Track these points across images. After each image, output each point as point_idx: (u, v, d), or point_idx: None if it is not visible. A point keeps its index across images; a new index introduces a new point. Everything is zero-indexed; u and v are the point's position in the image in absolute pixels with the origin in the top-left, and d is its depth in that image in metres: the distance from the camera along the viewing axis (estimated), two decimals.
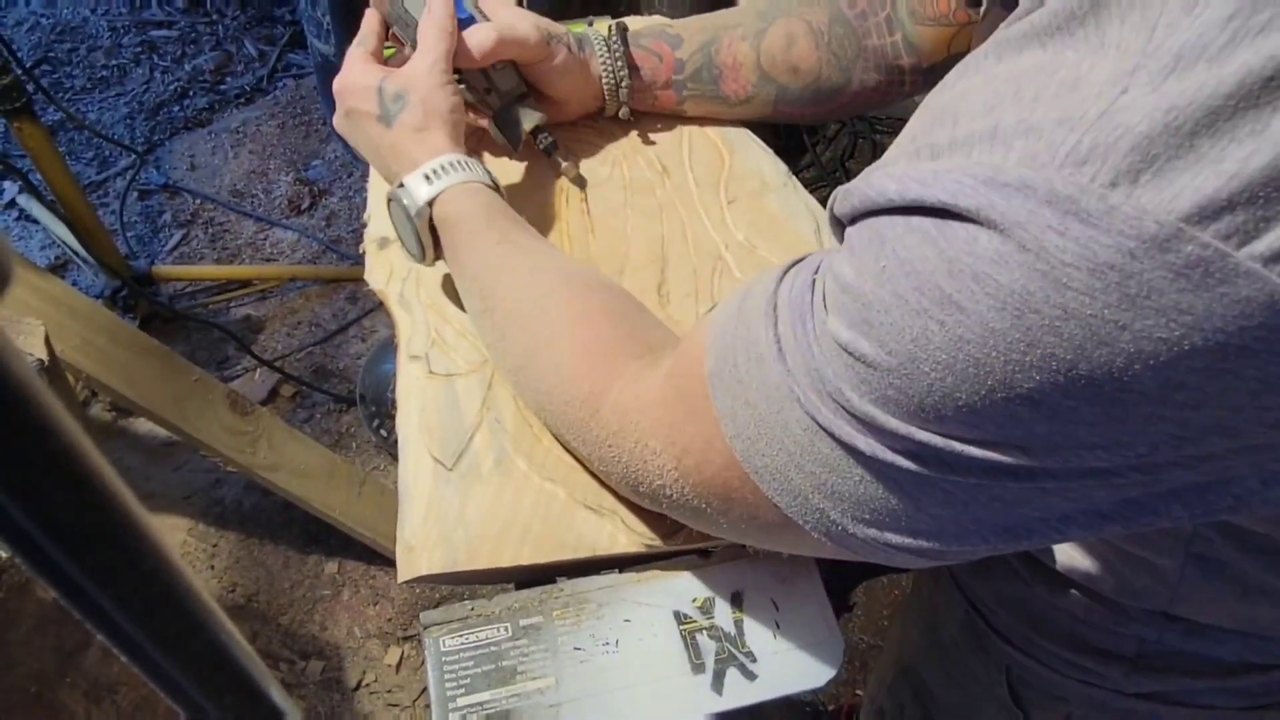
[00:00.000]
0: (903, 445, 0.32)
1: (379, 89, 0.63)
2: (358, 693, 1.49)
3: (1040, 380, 0.27)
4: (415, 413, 0.59)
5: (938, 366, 0.29)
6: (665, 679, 0.50)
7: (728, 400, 0.38)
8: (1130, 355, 0.26)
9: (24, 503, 0.17)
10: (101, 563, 0.19)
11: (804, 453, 0.35)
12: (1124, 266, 0.25)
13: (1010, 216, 0.26)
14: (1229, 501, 0.31)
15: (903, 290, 0.30)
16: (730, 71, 0.74)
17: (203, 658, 0.23)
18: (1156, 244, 0.24)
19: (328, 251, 2.15)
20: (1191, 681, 0.58)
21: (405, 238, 0.62)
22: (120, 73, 2.60)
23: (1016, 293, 0.27)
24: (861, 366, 0.32)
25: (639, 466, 0.45)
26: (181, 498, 1.69)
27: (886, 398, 0.31)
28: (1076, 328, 0.26)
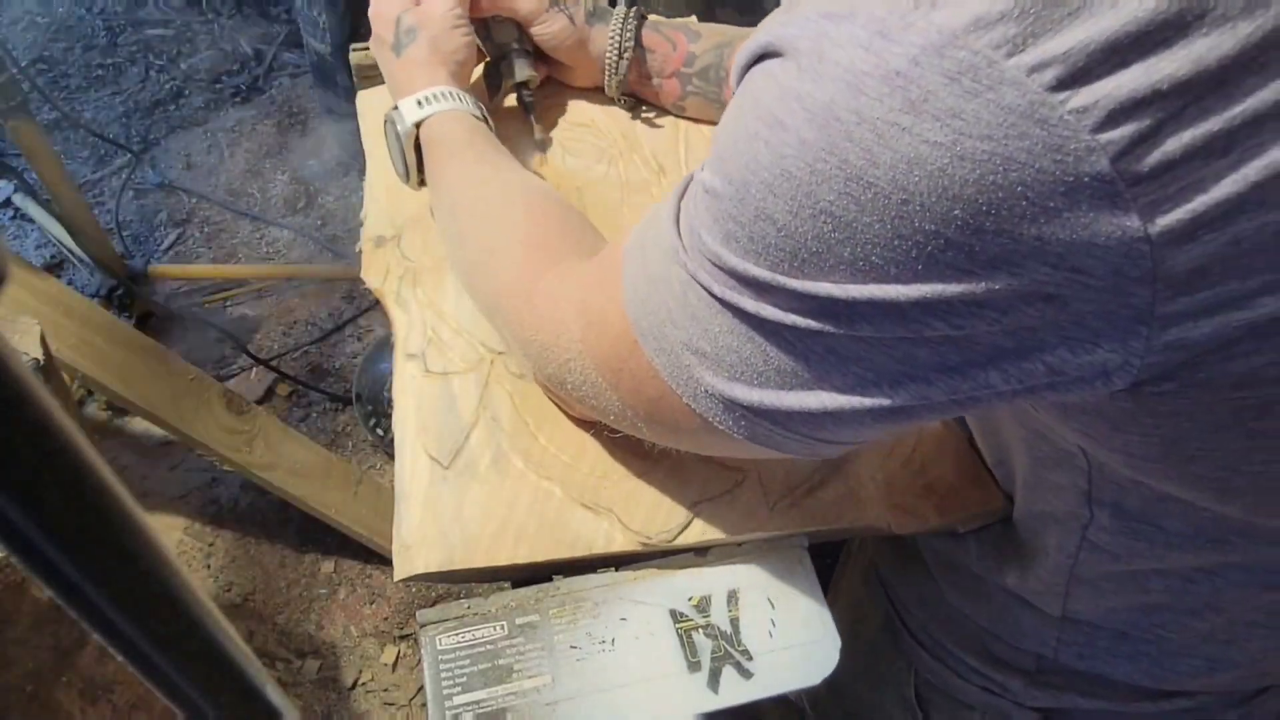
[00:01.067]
0: (745, 285, 0.35)
1: (397, 20, 0.68)
2: (354, 691, 1.49)
3: (837, 191, 0.30)
4: (412, 411, 0.59)
5: (762, 187, 0.32)
6: (661, 677, 0.50)
7: (631, 268, 0.42)
8: (910, 160, 0.28)
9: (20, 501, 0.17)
10: (97, 562, 0.19)
11: (679, 307, 0.39)
12: (908, 72, 0.28)
13: (831, 38, 0.30)
14: (1044, 373, 0.32)
15: (747, 121, 0.33)
16: None
17: (199, 657, 0.23)
18: (935, 50, 0.27)
19: (324, 250, 2.15)
20: (1085, 701, 0.59)
21: (394, 159, 0.68)
22: (116, 71, 2.60)
23: (824, 103, 0.30)
24: (713, 202, 0.35)
25: (553, 343, 0.48)
26: (177, 497, 1.69)
27: (729, 233, 0.35)
28: (867, 131, 0.29)
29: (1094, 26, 0.26)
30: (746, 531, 0.54)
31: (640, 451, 0.57)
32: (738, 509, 0.54)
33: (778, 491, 0.55)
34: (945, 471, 0.56)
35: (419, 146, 0.65)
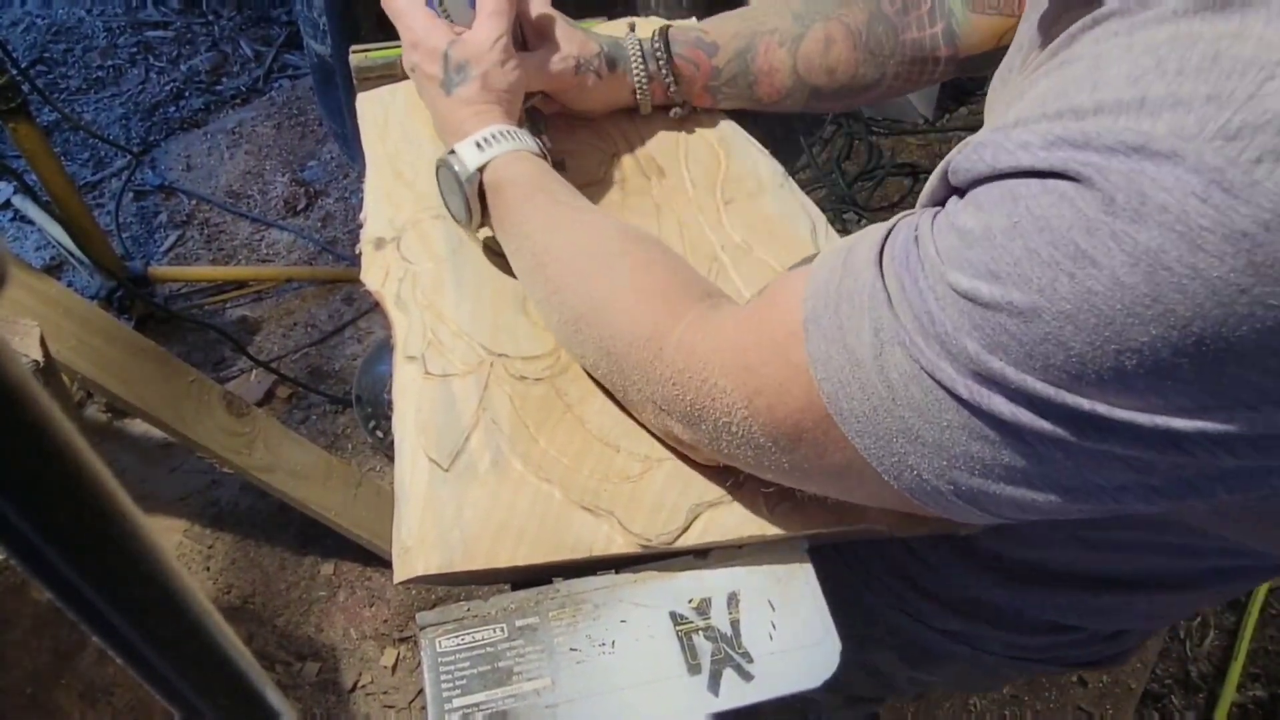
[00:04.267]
0: (1004, 390, 0.34)
1: (445, 55, 0.65)
2: (354, 694, 1.49)
3: (1154, 335, 0.30)
4: (411, 413, 0.59)
5: (1059, 316, 0.31)
6: (662, 680, 0.50)
7: (823, 345, 0.40)
8: (1241, 318, 0.28)
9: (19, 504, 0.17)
10: (97, 564, 0.19)
11: (896, 397, 0.37)
12: (1256, 236, 0.27)
13: (1153, 178, 0.29)
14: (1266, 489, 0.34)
15: (1035, 244, 0.32)
16: (765, 77, 0.75)
17: (198, 659, 0.23)
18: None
19: (324, 252, 2.15)
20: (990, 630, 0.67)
21: (452, 203, 0.66)
22: (116, 73, 2.60)
23: (1152, 250, 0.29)
24: (979, 311, 0.34)
25: (705, 403, 0.47)
26: (177, 499, 1.69)
27: (999, 343, 0.33)
28: (1201, 287, 0.29)
29: None
30: (747, 534, 0.53)
31: (640, 453, 0.57)
32: (738, 511, 0.54)
33: (778, 494, 0.55)
34: None
35: (481, 190, 0.63)
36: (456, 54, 0.65)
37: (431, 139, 0.77)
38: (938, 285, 0.35)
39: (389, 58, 0.82)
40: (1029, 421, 0.34)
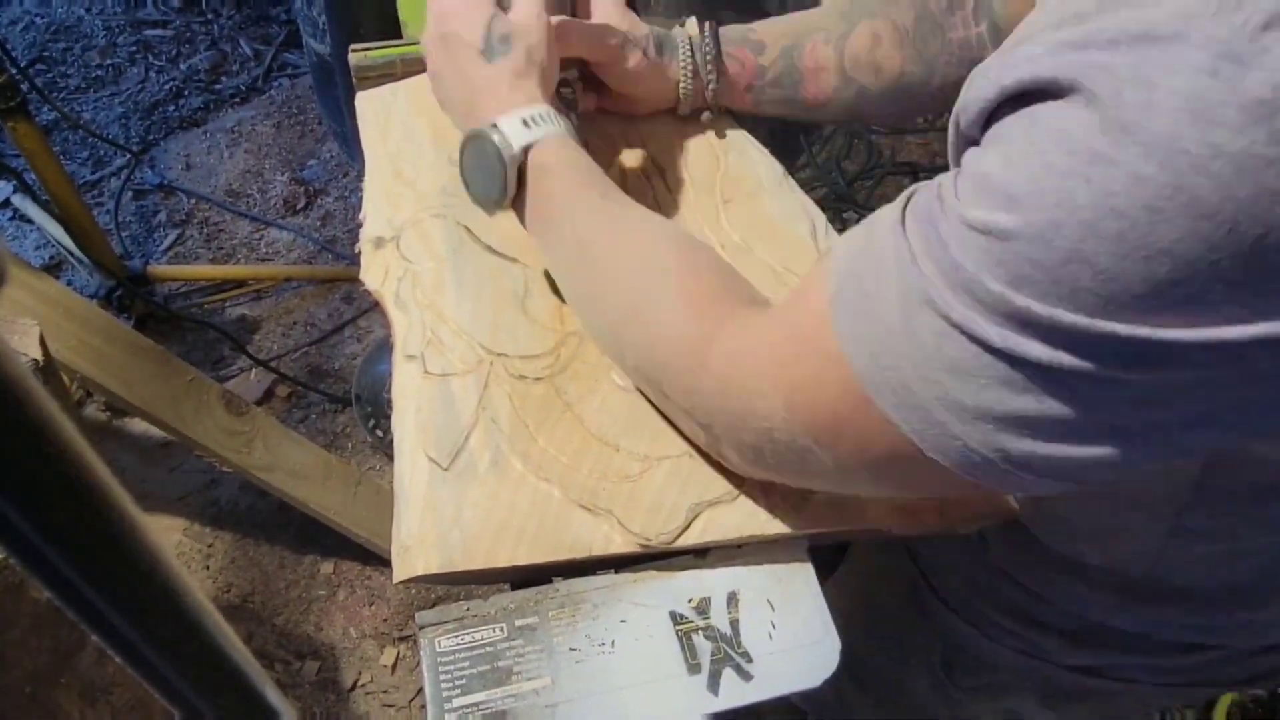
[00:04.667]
0: (1035, 331, 0.32)
1: (487, 24, 0.61)
2: (353, 693, 1.49)
3: (1183, 230, 0.28)
4: (411, 412, 0.59)
5: (1080, 227, 0.30)
6: (661, 679, 0.50)
7: (850, 321, 0.39)
8: (1274, 194, 0.27)
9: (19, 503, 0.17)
10: (96, 563, 0.19)
11: (930, 360, 0.35)
12: (1273, 101, 0.26)
13: (1157, 63, 0.28)
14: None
15: (1051, 157, 0.31)
16: (811, 75, 0.73)
17: (198, 658, 0.23)
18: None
19: (323, 251, 2.15)
20: (1123, 658, 0.60)
21: (479, 179, 0.61)
22: (115, 72, 2.60)
23: (1166, 135, 0.28)
24: (999, 244, 0.32)
25: (746, 411, 0.45)
26: (176, 498, 1.69)
27: (1022, 275, 0.32)
28: (1224, 165, 0.27)
29: None
30: (746, 533, 0.53)
31: (640, 452, 0.57)
32: (738, 511, 0.54)
33: (778, 493, 0.55)
34: None
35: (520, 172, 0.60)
36: (500, 25, 0.62)
37: (432, 138, 0.77)
38: (958, 229, 0.34)
39: (389, 57, 0.82)
40: (1068, 362, 0.32)
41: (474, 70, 0.62)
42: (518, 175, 0.59)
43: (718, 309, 0.49)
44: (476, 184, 0.62)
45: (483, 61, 0.62)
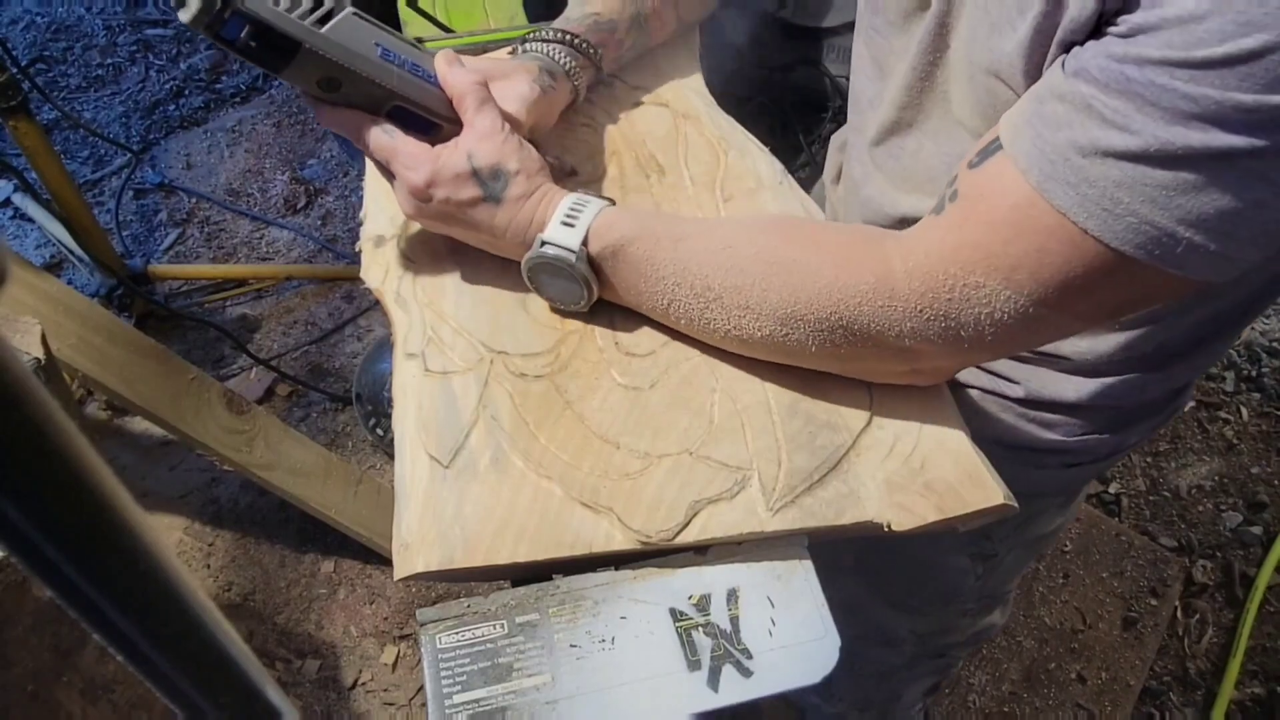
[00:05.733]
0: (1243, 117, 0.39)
1: (472, 172, 0.60)
2: (354, 691, 1.49)
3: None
4: (411, 410, 0.59)
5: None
6: (661, 676, 0.50)
7: (1072, 194, 0.45)
8: None
9: (20, 501, 0.17)
10: (97, 562, 0.19)
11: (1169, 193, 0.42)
12: None
13: None
14: None
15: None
16: (654, 18, 0.81)
17: (199, 657, 0.23)
18: None
19: (324, 250, 2.15)
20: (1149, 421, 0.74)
21: (558, 292, 0.63)
22: (116, 71, 2.60)
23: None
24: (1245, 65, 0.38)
25: (961, 308, 0.51)
26: (177, 496, 1.69)
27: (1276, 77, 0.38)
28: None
29: None
30: (746, 530, 0.54)
31: (640, 450, 0.57)
32: (737, 508, 0.54)
33: (777, 490, 0.55)
34: (944, 470, 0.56)
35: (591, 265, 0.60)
36: (481, 160, 0.60)
37: None
38: (1189, 73, 0.39)
39: None
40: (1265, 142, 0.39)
41: (489, 218, 0.61)
42: (590, 266, 0.60)
43: (868, 251, 0.54)
44: (561, 297, 0.64)
45: (493, 207, 0.61)
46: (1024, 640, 1.56)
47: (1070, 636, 1.56)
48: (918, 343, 0.54)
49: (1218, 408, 1.88)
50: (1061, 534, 1.67)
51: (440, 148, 0.61)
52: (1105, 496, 1.76)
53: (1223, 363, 1.94)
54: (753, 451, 0.57)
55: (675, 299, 0.59)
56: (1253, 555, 1.66)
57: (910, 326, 0.53)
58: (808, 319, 0.55)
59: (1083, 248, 0.46)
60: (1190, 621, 1.59)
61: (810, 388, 0.60)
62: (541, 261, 0.60)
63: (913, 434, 0.58)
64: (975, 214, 0.50)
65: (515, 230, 0.61)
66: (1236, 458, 1.80)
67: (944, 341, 0.53)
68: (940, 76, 0.61)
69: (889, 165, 0.69)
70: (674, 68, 0.84)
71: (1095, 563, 1.65)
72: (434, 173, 0.60)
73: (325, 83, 0.59)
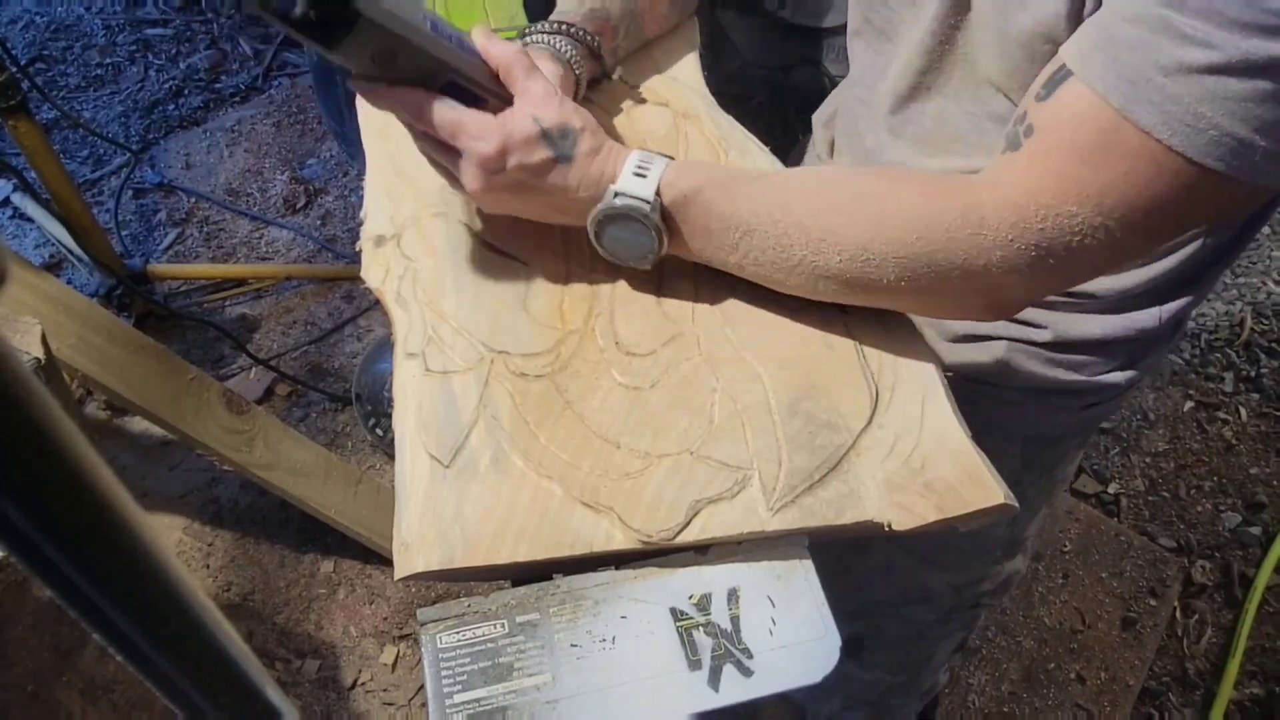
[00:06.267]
0: None
1: (541, 134, 0.60)
2: (353, 692, 1.49)
3: None
4: (412, 410, 0.59)
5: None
6: (662, 676, 0.50)
7: (1156, 112, 0.46)
8: None
9: (20, 501, 0.17)
10: (97, 562, 0.19)
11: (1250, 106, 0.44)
12: None
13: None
14: None
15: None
16: (649, 12, 0.81)
17: (199, 657, 0.23)
18: None
19: (323, 250, 2.15)
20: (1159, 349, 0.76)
21: (630, 245, 0.62)
22: (115, 71, 2.60)
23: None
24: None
25: (1053, 235, 0.52)
26: (177, 496, 1.69)
27: None
28: None
29: None
30: (747, 530, 0.54)
31: (640, 450, 0.57)
32: (738, 507, 0.54)
33: (778, 490, 0.55)
34: (944, 470, 0.56)
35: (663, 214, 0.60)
36: (549, 121, 0.60)
37: None
38: None
39: None
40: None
41: (563, 178, 0.61)
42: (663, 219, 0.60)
43: (954, 184, 0.55)
44: (627, 253, 0.63)
45: (565, 166, 0.61)
46: (1023, 640, 1.56)
47: (1069, 637, 1.56)
48: (1004, 273, 0.54)
49: (1217, 408, 1.88)
50: (1061, 534, 1.68)
51: (504, 114, 0.60)
52: (1104, 497, 1.76)
53: (1221, 363, 1.94)
54: (753, 451, 0.57)
55: (752, 230, 0.59)
56: (1251, 556, 1.66)
57: (1000, 256, 0.54)
58: (892, 245, 0.56)
59: (1167, 165, 0.47)
60: (1189, 622, 1.59)
61: (810, 388, 0.60)
62: (613, 212, 0.60)
63: (913, 434, 0.58)
64: (1058, 143, 0.50)
65: (588, 185, 0.61)
66: (1235, 458, 1.80)
67: (1031, 271, 0.54)
68: (961, 40, 0.63)
69: (909, 130, 0.70)
70: (674, 67, 0.84)
71: (1094, 563, 1.65)
72: (505, 139, 0.59)
73: (381, 56, 0.56)
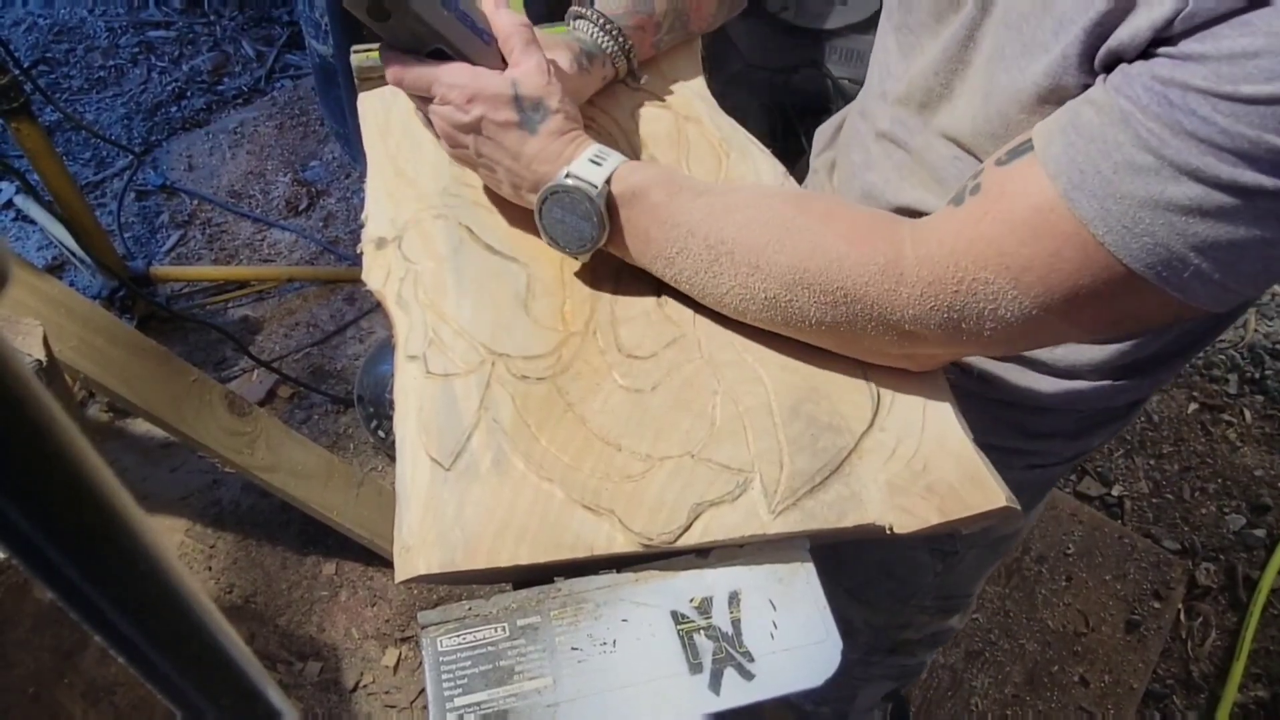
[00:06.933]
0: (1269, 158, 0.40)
1: (514, 98, 0.61)
2: (355, 694, 1.49)
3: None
4: (413, 412, 0.59)
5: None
6: (663, 679, 0.50)
7: (1096, 205, 0.45)
8: None
9: (21, 503, 0.17)
10: (99, 564, 0.19)
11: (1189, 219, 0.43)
12: None
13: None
14: None
15: None
16: (695, 11, 0.80)
17: (200, 659, 0.23)
18: None
19: (325, 252, 2.15)
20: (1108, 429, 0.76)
21: (571, 229, 0.62)
22: (118, 73, 2.60)
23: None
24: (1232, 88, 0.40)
25: (966, 301, 0.51)
26: (179, 498, 1.69)
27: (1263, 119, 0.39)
28: None
29: None
30: (748, 533, 0.53)
31: (641, 452, 0.57)
32: (739, 510, 0.54)
33: (779, 493, 0.55)
34: (946, 473, 0.56)
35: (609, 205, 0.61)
36: (526, 90, 0.61)
37: (434, 139, 0.77)
38: (1232, 107, 0.40)
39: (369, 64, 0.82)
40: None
41: (519, 144, 0.62)
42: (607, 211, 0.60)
43: (882, 232, 0.55)
44: (566, 237, 0.63)
45: (526, 135, 0.62)
46: (1026, 643, 1.56)
47: (1073, 639, 1.56)
48: (918, 328, 0.54)
49: (1221, 410, 1.88)
50: (1064, 536, 1.67)
51: (484, 70, 0.62)
52: (1108, 499, 1.75)
53: (1226, 365, 1.94)
54: (754, 454, 0.57)
55: (686, 249, 0.59)
56: (1256, 558, 1.66)
57: (913, 312, 0.53)
58: (813, 287, 0.55)
59: (1095, 259, 0.46)
60: (1193, 624, 1.59)
61: (812, 390, 0.60)
62: (560, 192, 0.60)
63: (915, 436, 0.58)
64: (995, 210, 0.50)
65: (544, 160, 0.62)
66: (1240, 460, 1.80)
67: (944, 331, 0.54)
68: (955, 84, 0.62)
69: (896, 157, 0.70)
70: (676, 69, 0.84)
71: (1098, 565, 1.64)
72: (475, 90, 0.61)
73: (374, 8, 0.58)
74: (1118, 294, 0.48)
